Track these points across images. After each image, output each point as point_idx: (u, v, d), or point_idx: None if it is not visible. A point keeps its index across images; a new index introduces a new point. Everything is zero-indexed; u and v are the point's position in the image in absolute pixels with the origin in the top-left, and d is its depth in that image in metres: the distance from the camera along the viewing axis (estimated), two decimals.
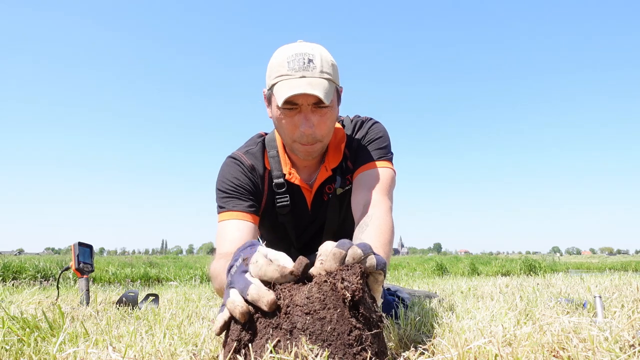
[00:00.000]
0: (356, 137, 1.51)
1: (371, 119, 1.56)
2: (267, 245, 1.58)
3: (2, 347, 1.08)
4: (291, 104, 1.25)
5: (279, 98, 1.22)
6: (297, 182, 1.47)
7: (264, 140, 1.54)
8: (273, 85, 1.27)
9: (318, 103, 1.25)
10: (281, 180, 1.46)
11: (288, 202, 1.47)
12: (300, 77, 1.21)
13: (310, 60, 1.22)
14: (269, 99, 1.36)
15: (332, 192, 1.51)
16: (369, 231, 1.18)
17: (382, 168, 1.41)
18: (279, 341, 0.79)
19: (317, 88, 1.21)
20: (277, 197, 1.47)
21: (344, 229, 1.56)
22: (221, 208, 1.41)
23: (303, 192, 1.50)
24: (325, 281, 0.82)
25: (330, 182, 1.51)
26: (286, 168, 1.47)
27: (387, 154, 1.47)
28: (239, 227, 1.35)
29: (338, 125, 1.53)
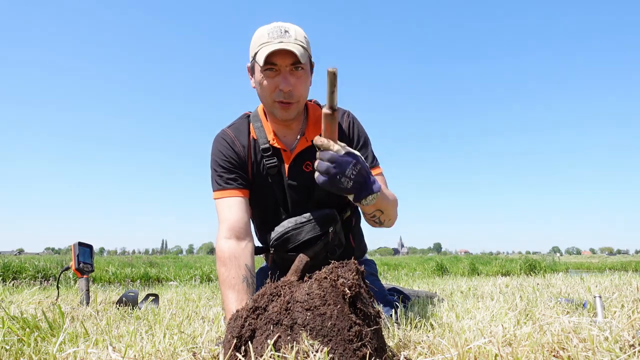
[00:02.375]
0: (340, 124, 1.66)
1: (350, 112, 1.73)
2: (259, 214, 1.71)
3: (2, 347, 1.08)
4: (271, 64, 1.45)
5: (260, 59, 1.43)
6: (278, 145, 1.64)
7: (249, 116, 1.74)
8: (255, 53, 1.49)
9: (295, 64, 1.46)
10: (267, 145, 1.64)
11: (276, 163, 1.63)
12: (279, 42, 1.44)
13: (286, 31, 1.47)
14: (252, 69, 1.57)
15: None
16: None
17: (379, 175, 1.65)
18: (279, 337, 0.81)
19: (293, 48, 1.43)
20: (265, 160, 1.64)
21: (331, 200, 1.67)
22: (214, 185, 1.62)
23: (282, 156, 1.65)
24: (325, 278, 0.84)
25: (311, 153, 1.63)
26: (270, 136, 1.65)
27: (377, 159, 1.71)
28: (230, 204, 1.57)
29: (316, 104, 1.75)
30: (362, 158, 1.26)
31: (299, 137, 1.65)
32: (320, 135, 1.23)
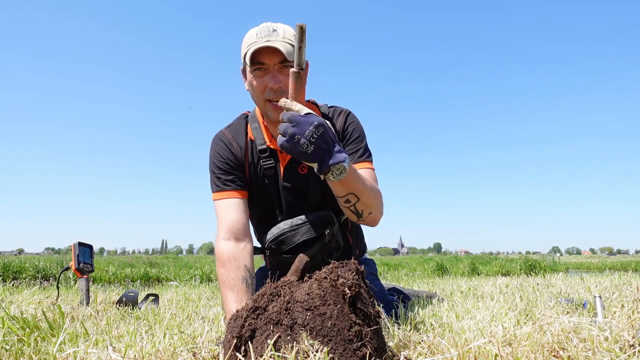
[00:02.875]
0: (334, 123, 1.65)
1: (349, 111, 1.71)
2: (256, 214, 1.70)
3: (2, 347, 1.08)
4: (259, 63, 1.46)
5: (248, 59, 1.44)
6: (274, 146, 1.62)
7: (247, 116, 1.74)
8: (245, 54, 1.48)
9: (283, 62, 1.45)
10: (264, 146, 1.63)
11: (272, 164, 1.63)
12: (265, 41, 1.43)
13: (274, 30, 1.47)
14: (244, 71, 1.57)
15: (311, 169, 1.61)
16: None
17: (367, 169, 1.58)
18: (279, 337, 0.81)
19: (279, 46, 1.42)
20: (262, 161, 1.64)
21: (327, 202, 1.65)
22: (212, 187, 1.63)
23: (279, 157, 1.64)
24: (325, 277, 0.84)
25: None
26: (267, 137, 1.65)
27: (370, 155, 1.64)
28: (228, 205, 1.57)
29: (313, 105, 1.73)
30: (329, 124, 1.19)
31: None
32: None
